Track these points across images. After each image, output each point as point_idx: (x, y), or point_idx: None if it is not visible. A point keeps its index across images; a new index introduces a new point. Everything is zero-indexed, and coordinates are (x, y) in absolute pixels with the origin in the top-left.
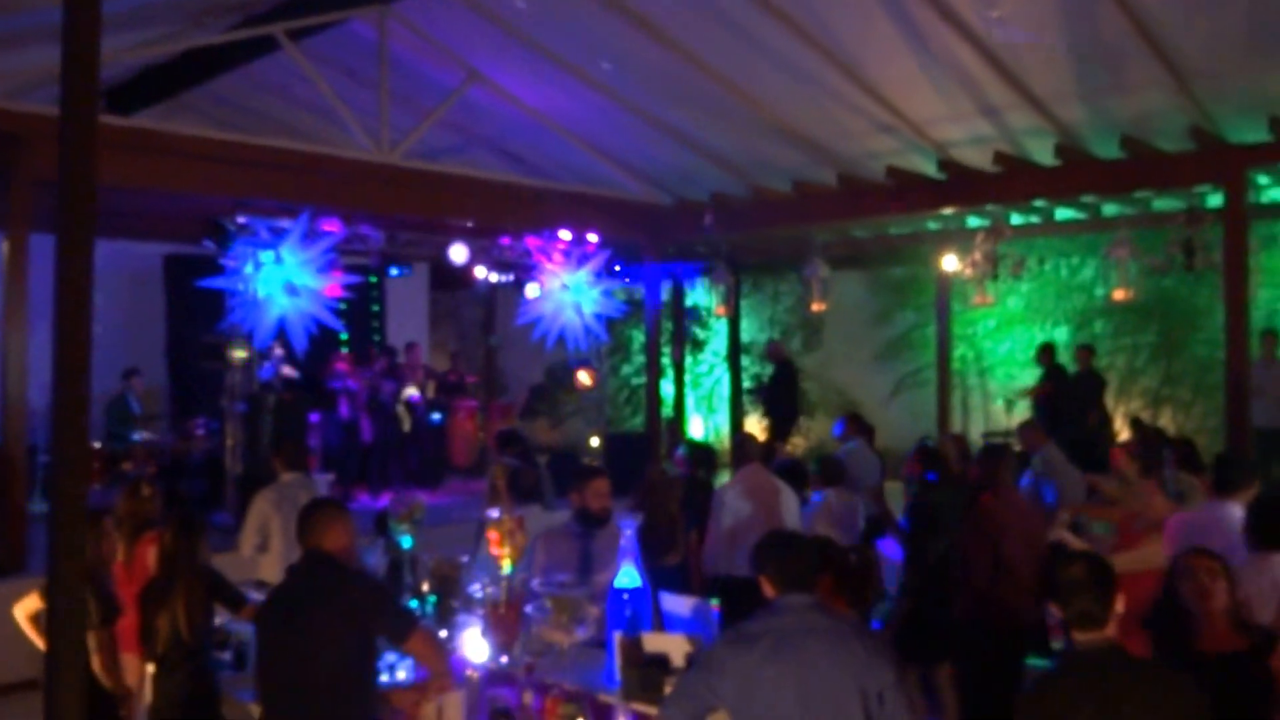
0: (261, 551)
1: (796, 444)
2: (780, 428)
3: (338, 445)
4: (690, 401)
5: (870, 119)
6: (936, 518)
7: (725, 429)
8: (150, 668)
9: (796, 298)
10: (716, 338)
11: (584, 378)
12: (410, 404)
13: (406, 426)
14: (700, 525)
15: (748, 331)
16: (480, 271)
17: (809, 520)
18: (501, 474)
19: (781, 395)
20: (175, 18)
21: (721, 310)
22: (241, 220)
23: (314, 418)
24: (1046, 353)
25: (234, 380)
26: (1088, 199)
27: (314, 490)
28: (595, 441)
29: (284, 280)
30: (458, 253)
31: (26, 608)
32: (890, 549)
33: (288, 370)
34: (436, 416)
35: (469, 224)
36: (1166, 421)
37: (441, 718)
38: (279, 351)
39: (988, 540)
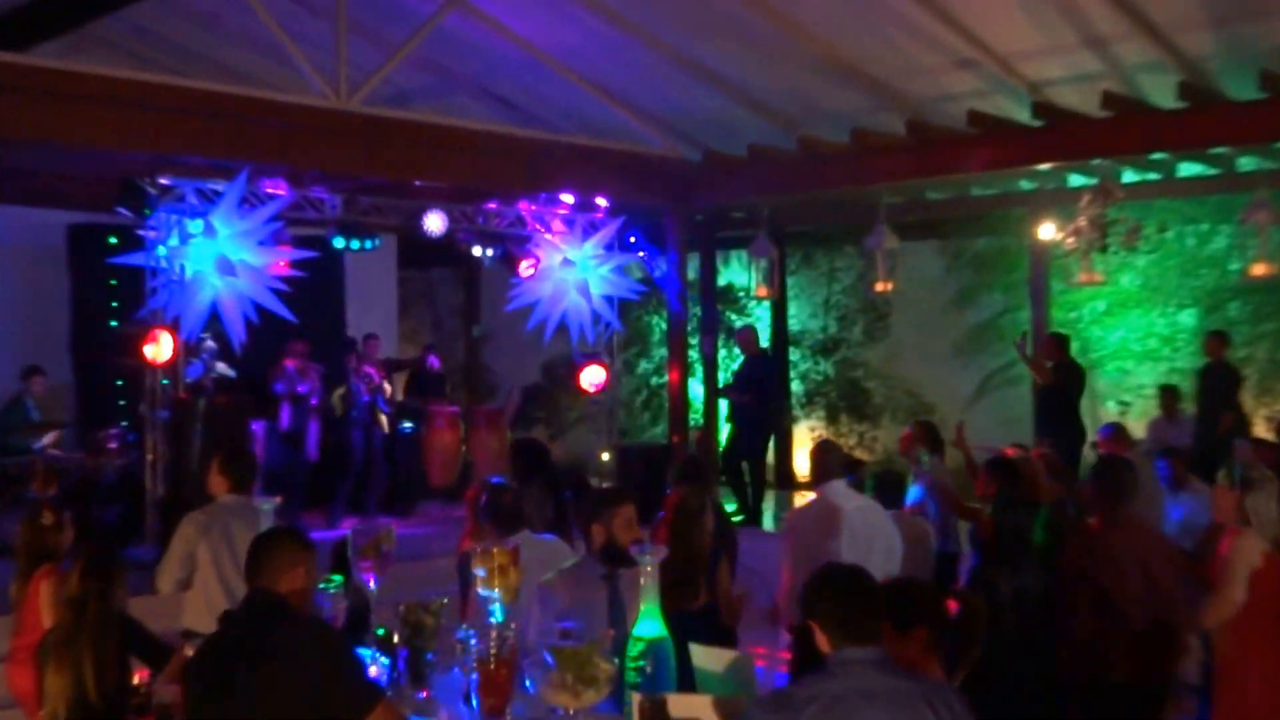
0: (184, 589)
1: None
2: (750, 442)
3: (282, 461)
4: (724, 404)
5: (947, 52)
6: (1013, 547)
7: (771, 440)
8: None
9: (856, 276)
10: (757, 325)
11: (591, 377)
12: (359, 411)
13: (385, 426)
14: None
15: (797, 318)
16: (462, 245)
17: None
18: (478, 493)
19: (757, 400)
20: None
21: (763, 292)
22: (164, 181)
23: (256, 427)
24: (1058, 346)
25: (155, 381)
26: (1219, 151)
27: (254, 517)
28: (606, 456)
29: (217, 256)
30: (433, 221)
31: None
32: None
33: (222, 368)
34: (407, 426)
35: (447, 186)
36: None
37: None
38: (210, 345)
39: (1094, 579)
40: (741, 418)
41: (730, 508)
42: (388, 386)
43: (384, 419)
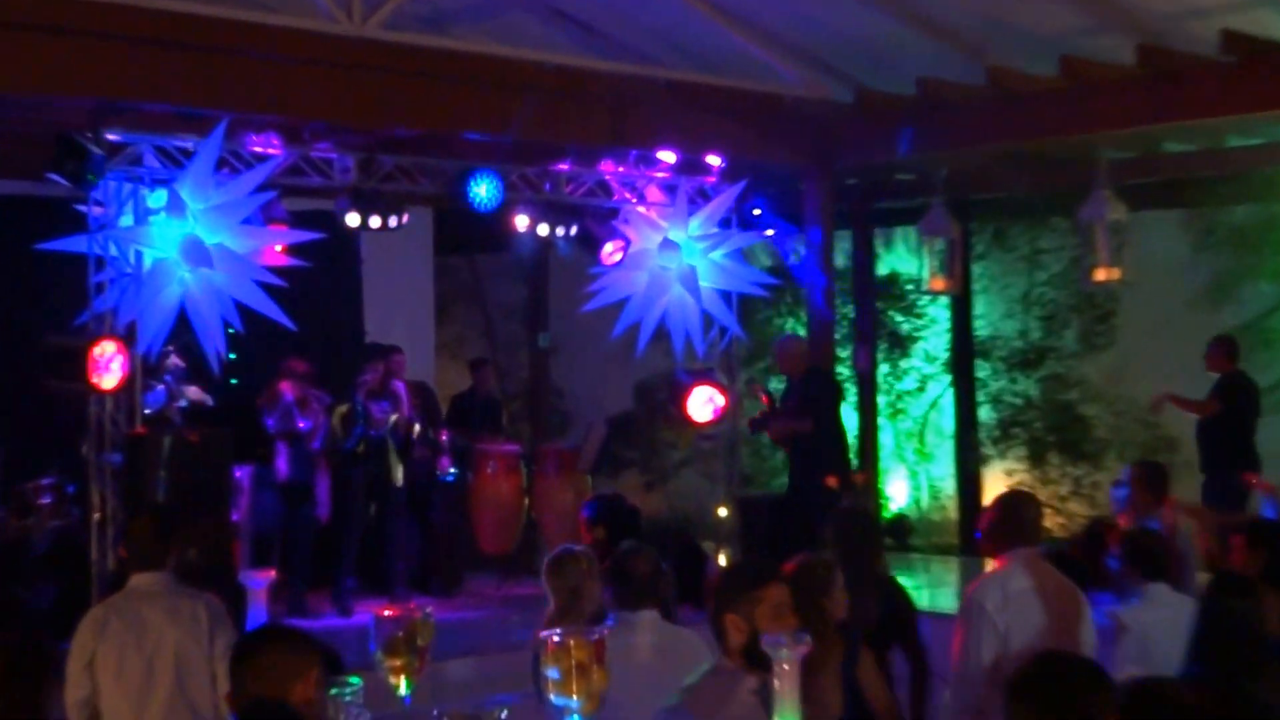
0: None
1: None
2: (812, 487)
3: (278, 522)
4: (888, 439)
5: None
6: (1251, 641)
7: (950, 486)
8: None
9: (1068, 261)
10: (932, 330)
11: (702, 403)
12: (366, 443)
13: (399, 479)
14: None
15: (985, 320)
16: (521, 222)
17: (1109, 649)
18: (592, 553)
19: (818, 430)
20: None
21: (939, 284)
22: (113, 138)
23: (240, 474)
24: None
25: (103, 412)
26: None
27: (182, 603)
28: (723, 512)
29: (186, 239)
30: (483, 189)
31: None
32: None
33: (194, 393)
34: (450, 472)
35: (501, 139)
36: None
37: None
38: (176, 362)
39: None
40: (801, 462)
41: None
42: (417, 426)
43: (398, 469)
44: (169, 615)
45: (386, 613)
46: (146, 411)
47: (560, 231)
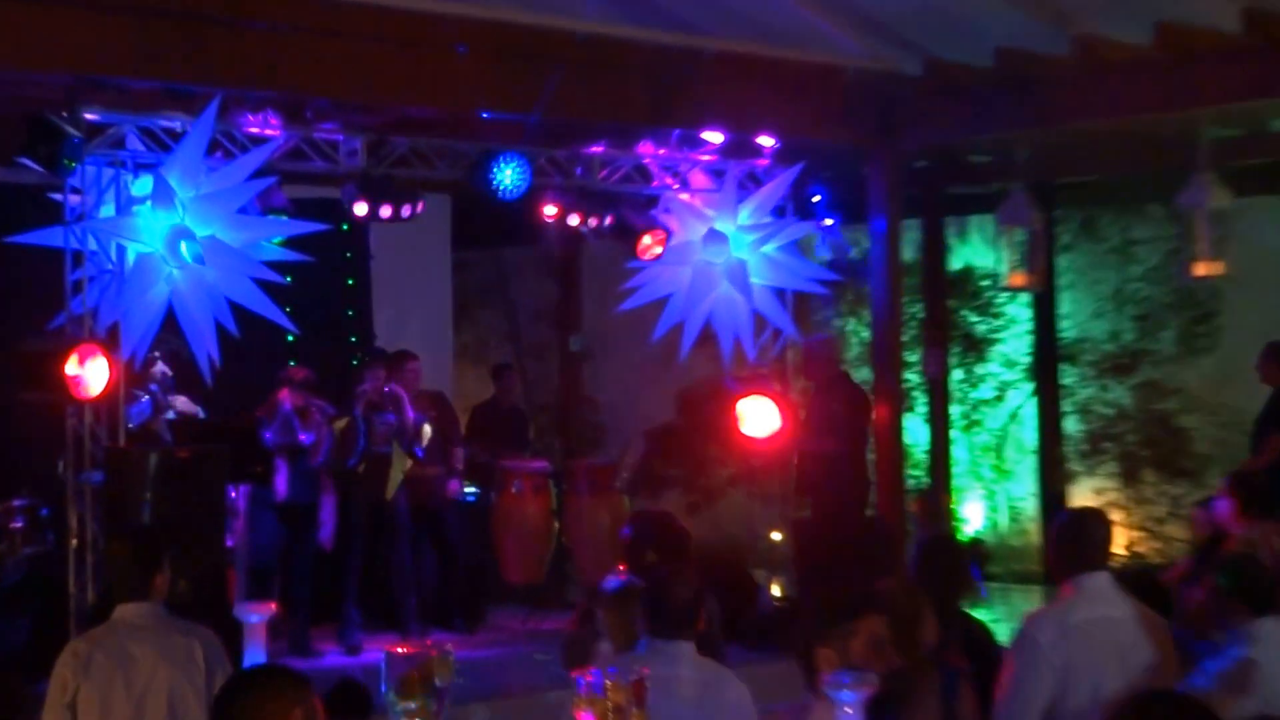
0: None
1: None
2: (840, 511)
3: (277, 548)
4: (961, 454)
5: None
6: None
7: (1032, 507)
8: None
9: (1166, 253)
10: (1011, 331)
11: (754, 414)
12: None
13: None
14: None
15: (1072, 321)
16: (550, 211)
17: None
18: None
19: (840, 450)
20: None
21: (1020, 279)
22: (92, 118)
23: (235, 494)
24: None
25: (82, 427)
26: None
27: (172, 637)
28: (777, 536)
29: (174, 231)
30: (507, 175)
31: None
32: None
33: (183, 404)
34: (470, 492)
35: (527, 118)
36: None
37: None
38: (162, 369)
39: None
40: (828, 484)
41: None
42: (427, 429)
43: (397, 480)
44: (161, 652)
45: (399, 650)
46: (130, 425)
47: (593, 222)
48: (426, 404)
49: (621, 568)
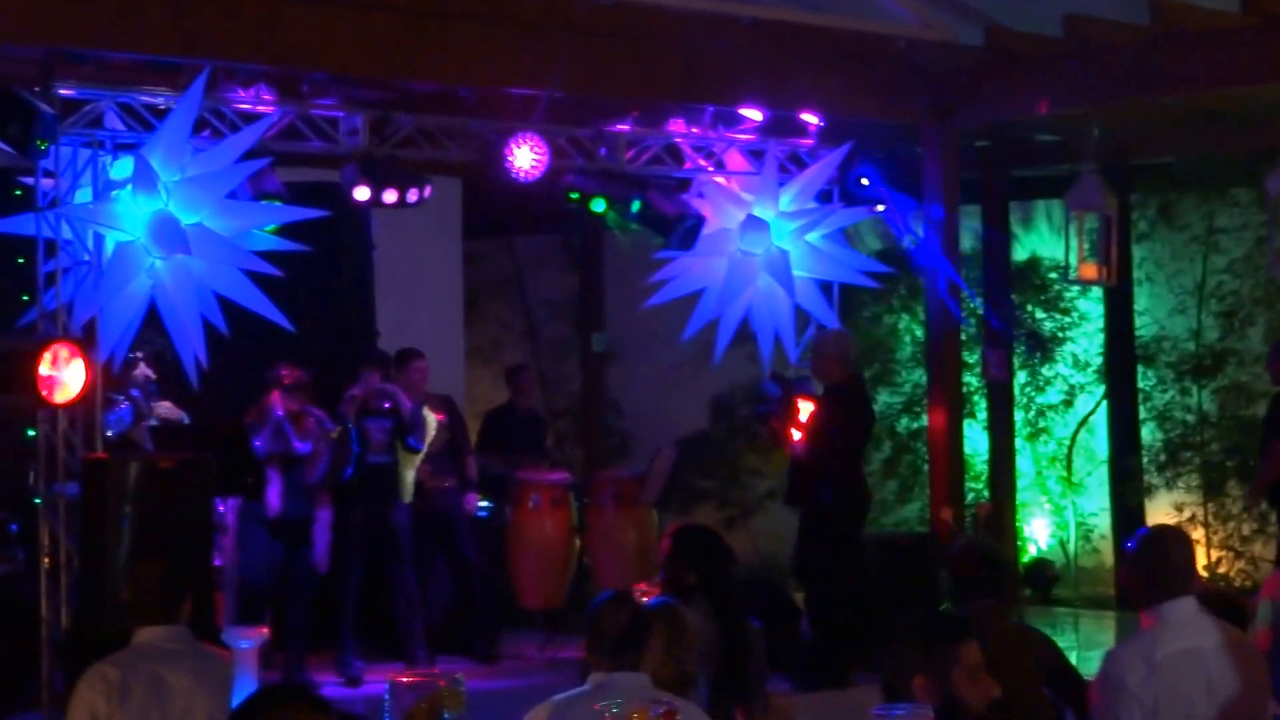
0: None
1: None
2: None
3: (270, 569)
4: (1026, 465)
5: None
6: None
7: (1105, 524)
8: None
9: (1253, 242)
10: (1082, 330)
11: (799, 419)
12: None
13: (406, 494)
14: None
15: (1150, 316)
16: (571, 196)
17: None
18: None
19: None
20: None
21: (1092, 271)
22: (67, 93)
23: (225, 509)
24: None
25: (55, 434)
26: None
27: (204, 662)
28: None
29: (157, 218)
30: (523, 156)
31: None
32: None
33: (166, 410)
34: (482, 507)
35: (546, 94)
36: None
37: None
38: (144, 372)
39: None
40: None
41: None
42: (432, 419)
43: (406, 481)
44: (196, 679)
45: (405, 680)
46: (109, 434)
47: (619, 208)
48: (435, 409)
49: (641, 586)
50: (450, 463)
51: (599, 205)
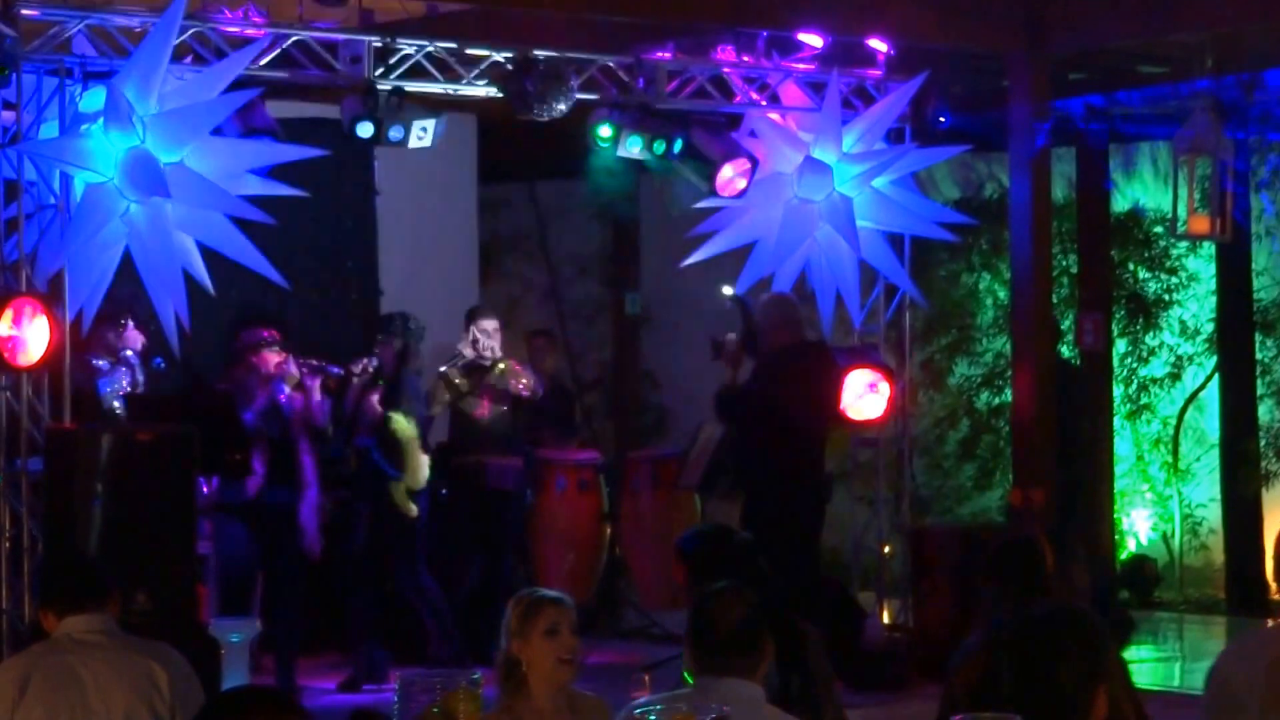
0: None
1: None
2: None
3: (254, 555)
4: (1125, 448)
5: None
6: None
7: (1215, 516)
8: None
9: None
10: (1191, 292)
11: (860, 394)
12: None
13: (413, 512)
14: None
15: (1270, 276)
16: (603, 134)
17: None
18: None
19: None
20: None
21: (1203, 225)
22: (30, 13)
23: (207, 488)
24: None
25: (16, 401)
26: None
27: (128, 657)
28: (888, 549)
29: (132, 156)
30: (549, 88)
31: None
32: None
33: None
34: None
35: (575, 15)
36: None
37: None
38: (136, 335)
39: None
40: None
41: None
42: (441, 384)
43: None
44: (116, 674)
45: (416, 679)
46: (115, 406)
47: (658, 148)
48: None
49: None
50: (512, 439)
51: (635, 145)
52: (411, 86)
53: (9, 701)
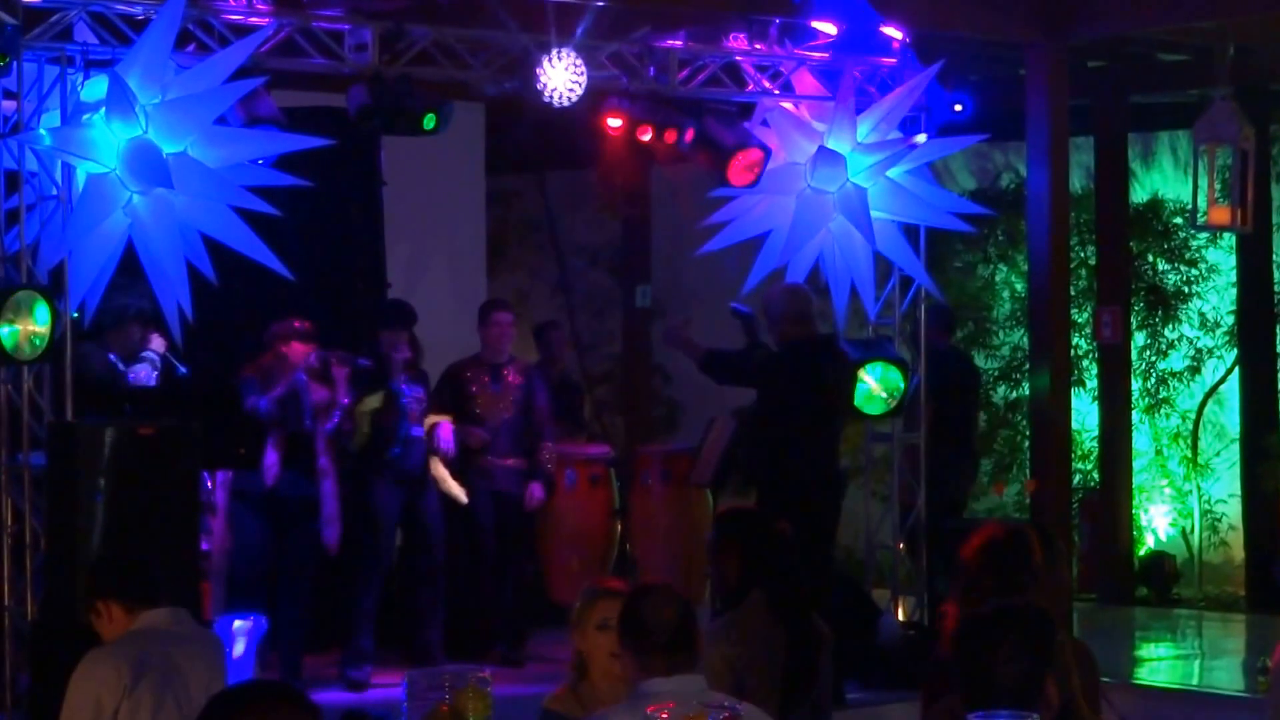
0: None
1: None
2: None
3: (266, 553)
4: (1143, 442)
5: None
6: None
7: (1235, 512)
8: None
9: None
10: (1211, 285)
11: (875, 387)
12: (403, 446)
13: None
14: None
15: None
16: (613, 123)
17: None
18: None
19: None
20: None
21: (1224, 215)
22: (31, 1)
23: (212, 483)
24: None
25: (17, 396)
26: None
27: (208, 648)
28: (901, 547)
29: (134, 146)
30: (557, 76)
31: None
32: None
33: (142, 372)
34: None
35: (586, 2)
36: None
37: None
38: (158, 341)
39: None
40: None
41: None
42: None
43: (445, 472)
44: (206, 665)
45: (425, 677)
46: (136, 383)
47: (670, 137)
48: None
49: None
50: (520, 439)
51: (646, 134)
52: (419, 74)
53: (120, 690)
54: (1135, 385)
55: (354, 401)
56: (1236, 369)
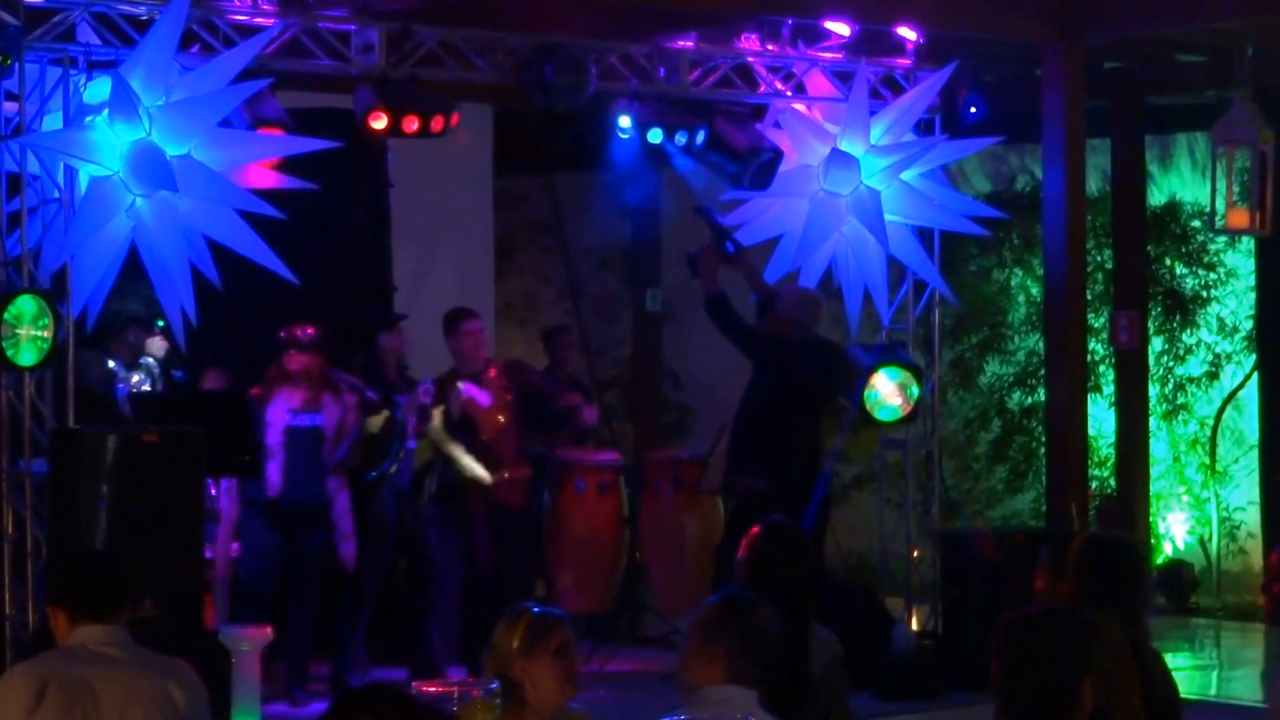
0: None
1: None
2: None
3: (269, 565)
4: (1160, 449)
5: None
6: None
7: (1254, 520)
8: None
9: None
10: (1230, 289)
11: (889, 393)
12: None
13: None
14: None
15: None
16: (623, 124)
17: None
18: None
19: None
20: None
21: (1243, 218)
22: (34, 2)
23: (216, 491)
24: None
25: (19, 402)
26: None
27: (145, 673)
28: (916, 554)
29: (137, 149)
30: (567, 77)
31: None
32: None
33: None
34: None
35: (595, 3)
36: None
37: None
38: (162, 344)
39: None
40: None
41: None
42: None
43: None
44: (133, 694)
45: (432, 689)
46: (128, 395)
47: (680, 139)
48: (499, 379)
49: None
50: (522, 446)
51: (656, 136)
52: (425, 76)
53: (23, 709)
54: (1153, 391)
55: (361, 433)
56: (1255, 374)
